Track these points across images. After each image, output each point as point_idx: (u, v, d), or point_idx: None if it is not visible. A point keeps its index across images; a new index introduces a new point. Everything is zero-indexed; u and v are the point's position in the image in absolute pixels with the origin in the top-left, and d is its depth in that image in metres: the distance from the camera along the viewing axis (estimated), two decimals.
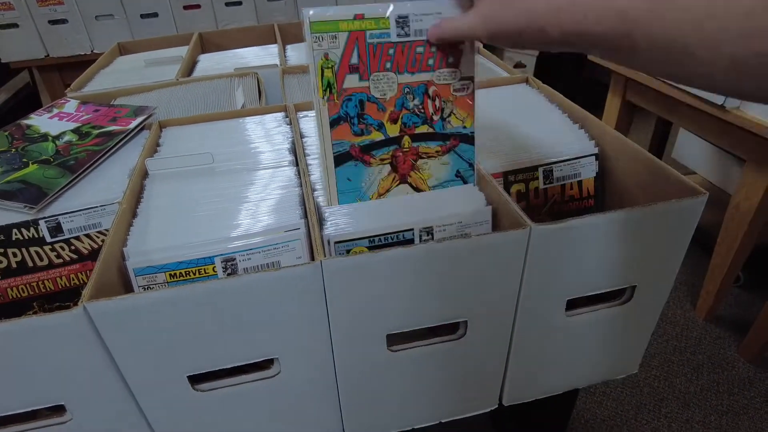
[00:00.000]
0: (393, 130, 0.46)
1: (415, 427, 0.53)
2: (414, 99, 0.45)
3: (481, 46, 0.88)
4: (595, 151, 0.57)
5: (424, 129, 0.47)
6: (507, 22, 0.36)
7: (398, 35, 0.42)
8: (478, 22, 0.38)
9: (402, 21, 0.42)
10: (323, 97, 0.43)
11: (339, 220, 0.46)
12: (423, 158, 0.48)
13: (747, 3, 0.25)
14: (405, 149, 0.47)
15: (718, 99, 1.04)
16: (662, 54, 0.29)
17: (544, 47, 0.37)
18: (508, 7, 0.36)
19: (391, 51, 0.43)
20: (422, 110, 0.46)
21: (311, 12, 0.41)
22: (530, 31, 0.35)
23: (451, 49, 0.44)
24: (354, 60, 0.42)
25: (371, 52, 0.42)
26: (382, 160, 0.47)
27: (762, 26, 0.25)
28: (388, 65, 0.43)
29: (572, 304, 0.48)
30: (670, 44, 0.28)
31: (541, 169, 0.55)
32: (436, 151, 0.48)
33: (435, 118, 0.46)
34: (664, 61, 0.30)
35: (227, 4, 1.57)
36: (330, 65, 0.42)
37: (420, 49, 0.43)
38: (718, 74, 0.28)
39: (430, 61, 0.44)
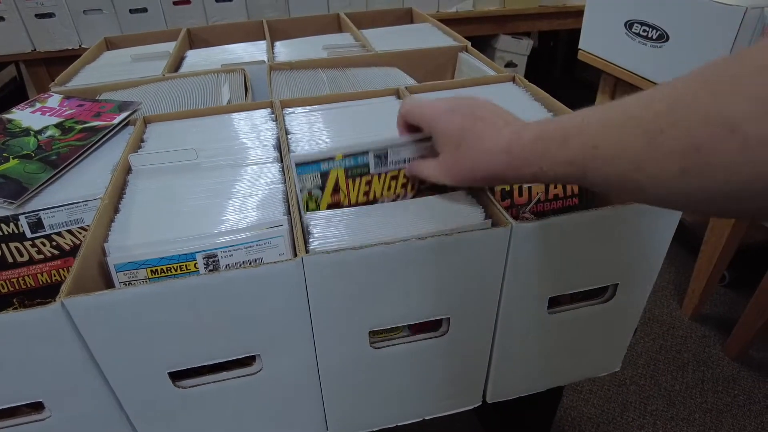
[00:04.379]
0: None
1: (399, 424, 0.53)
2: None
3: (469, 44, 0.89)
4: None
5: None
6: (466, 175, 0.40)
7: (376, 167, 0.46)
8: (441, 172, 0.42)
9: (380, 156, 0.46)
10: None
11: (326, 233, 0.42)
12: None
13: (676, 145, 0.25)
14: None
15: None
16: (618, 189, 0.30)
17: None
18: (467, 163, 0.39)
19: (369, 180, 0.47)
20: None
21: (295, 155, 0.45)
22: (490, 179, 0.39)
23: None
24: (335, 193, 0.46)
25: (350, 184, 0.46)
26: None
27: (699, 163, 0.24)
28: (367, 189, 0.47)
29: (554, 302, 0.48)
30: (623, 183, 0.29)
31: None
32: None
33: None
34: (623, 193, 0.31)
35: (218, 0, 1.56)
36: (314, 199, 0.46)
37: (395, 176, 0.47)
38: (678, 206, 0.29)
39: (404, 182, 0.48)
